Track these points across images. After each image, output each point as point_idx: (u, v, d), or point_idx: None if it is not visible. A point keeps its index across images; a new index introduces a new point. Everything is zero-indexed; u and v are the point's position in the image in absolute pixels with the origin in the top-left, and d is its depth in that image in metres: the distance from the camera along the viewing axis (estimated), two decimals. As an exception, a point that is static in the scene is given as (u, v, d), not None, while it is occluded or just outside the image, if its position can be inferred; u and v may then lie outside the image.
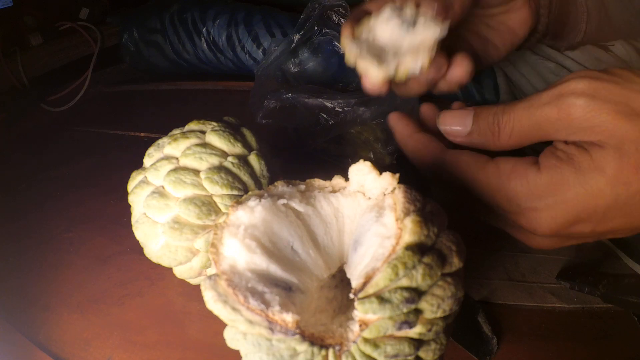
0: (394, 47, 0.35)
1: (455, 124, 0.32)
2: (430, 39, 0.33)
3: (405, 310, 0.20)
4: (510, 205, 0.28)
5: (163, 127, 0.43)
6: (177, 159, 0.36)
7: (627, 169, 0.24)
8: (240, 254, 0.23)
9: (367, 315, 0.21)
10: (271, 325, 0.21)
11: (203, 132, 0.38)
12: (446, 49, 0.35)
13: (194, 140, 0.37)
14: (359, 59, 0.33)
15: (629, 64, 0.56)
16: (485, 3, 0.39)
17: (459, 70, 0.35)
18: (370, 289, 0.21)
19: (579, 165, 0.26)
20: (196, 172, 0.35)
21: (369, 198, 0.26)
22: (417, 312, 0.21)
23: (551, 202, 0.26)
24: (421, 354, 0.22)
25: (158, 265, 0.36)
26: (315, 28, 0.66)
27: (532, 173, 0.27)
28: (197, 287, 0.32)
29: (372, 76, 0.33)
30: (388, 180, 0.25)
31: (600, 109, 0.25)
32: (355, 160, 0.27)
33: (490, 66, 0.32)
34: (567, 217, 0.27)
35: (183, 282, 0.39)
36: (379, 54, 0.34)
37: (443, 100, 0.75)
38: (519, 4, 0.40)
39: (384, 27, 0.35)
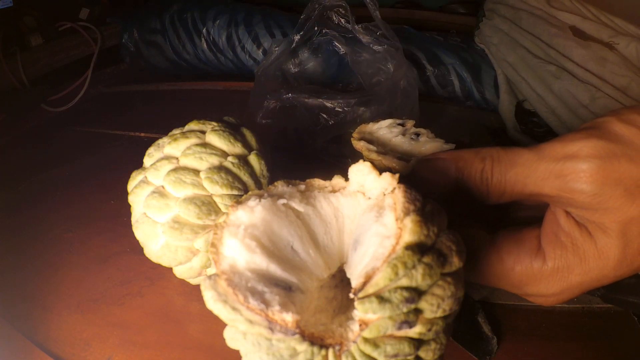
0: (402, 148, 0.35)
1: (433, 179, 0.28)
2: (438, 147, 0.33)
3: (405, 309, 0.20)
4: (515, 289, 0.28)
5: (163, 127, 0.43)
6: (177, 158, 0.36)
7: (631, 254, 0.24)
8: (240, 253, 0.23)
9: (367, 315, 0.21)
10: (271, 325, 0.21)
11: (203, 132, 0.38)
12: None
13: (194, 140, 0.37)
14: (384, 159, 0.32)
15: (634, 63, 0.56)
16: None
17: None
18: (370, 289, 0.21)
19: (584, 254, 0.25)
20: (196, 172, 0.35)
21: (369, 198, 0.26)
22: (417, 311, 0.21)
23: (557, 291, 0.26)
24: (421, 353, 0.22)
25: (158, 265, 0.36)
26: (316, 28, 0.66)
27: (537, 264, 0.26)
28: (197, 287, 0.32)
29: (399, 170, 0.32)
30: (388, 180, 0.25)
31: (608, 196, 0.23)
32: (355, 161, 0.27)
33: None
34: (573, 295, 0.27)
35: (183, 282, 0.39)
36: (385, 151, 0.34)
37: (443, 100, 0.76)
38: None
39: (385, 132, 0.37)
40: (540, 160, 0.25)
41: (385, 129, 0.37)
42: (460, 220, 0.30)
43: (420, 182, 0.29)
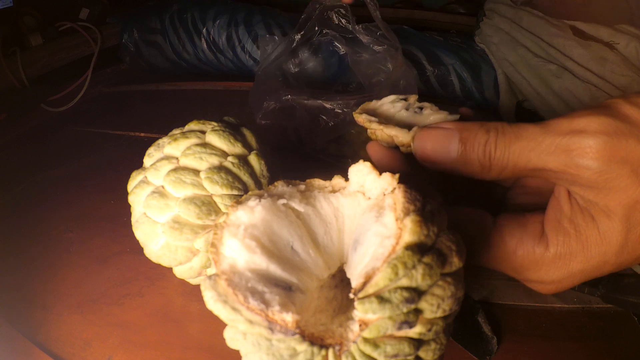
0: (404, 122, 0.35)
1: (436, 149, 0.27)
2: (443, 118, 0.33)
3: (405, 310, 0.20)
4: (516, 274, 0.28)
5: (163, 127, 0.43)
6: (177, 158, 0.36)
7: (634, 241, 0.24)
8: (240, 253, 0.23)
9: (367, 315, 0.21)
10: (271, 325, 0.21)
11: (203, 132, 0.38)
12: None
13: (194, 140, 0.37)
14: (385, 128, 0.32)
15: (634, 63, 0.56)
16: None
17: None
18: (370, 289, 0.21)
19: (586, 240, 0.25)
20: (196, 172, 0.35)
21: (369, 198, 0.26)
22: (417, 311, 0.21)
23: (558, 278, 0.26)
24: (421, 353, 0.22)
25: (158, 265, 0.36)
26: (316, 28, 0.66)
27: (540, 250, 0.26)
28: (197, 287, 0.32)
29: (403, 139, 0.31)
30: (388, 180, 0.25)
31: (615, 174, 0.22)
32: (355, 161, 0.27)
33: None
34: (574, 284, 0.27)
35: (183, 282, 0.39)
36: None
37: (443, 100, 0.76)
38: None
39: (388, 107, 0.36)
40: (546, 134, 0.24)
41: (388, 104, 0.36)
42: (462, 202, 0.30)
43: (421, 152, 0.28)
